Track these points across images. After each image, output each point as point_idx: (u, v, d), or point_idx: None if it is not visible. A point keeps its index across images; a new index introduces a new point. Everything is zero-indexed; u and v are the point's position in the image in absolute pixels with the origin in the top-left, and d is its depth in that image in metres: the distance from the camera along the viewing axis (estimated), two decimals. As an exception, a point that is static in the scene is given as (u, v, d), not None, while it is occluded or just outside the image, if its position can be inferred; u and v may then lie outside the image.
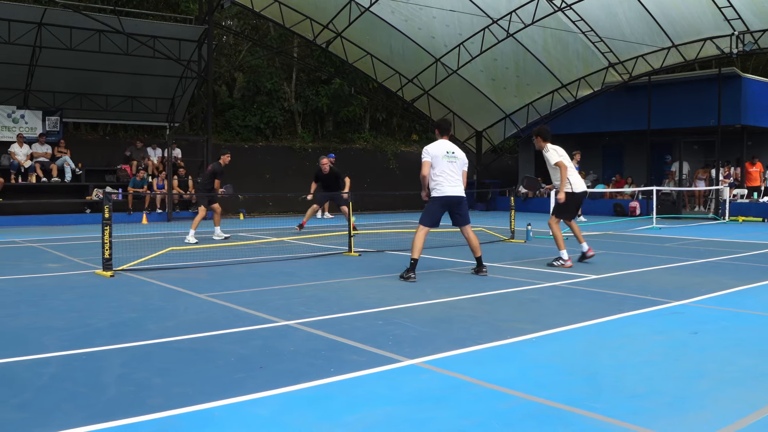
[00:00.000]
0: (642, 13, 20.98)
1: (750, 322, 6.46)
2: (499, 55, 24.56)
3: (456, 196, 9.08)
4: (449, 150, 9.11)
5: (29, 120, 22.24)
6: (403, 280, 8.68)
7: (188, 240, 13.35)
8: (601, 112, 26.41)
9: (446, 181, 9.00)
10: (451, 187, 9.04)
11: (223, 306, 6.97)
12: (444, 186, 9.00)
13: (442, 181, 8.99)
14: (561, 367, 4.79)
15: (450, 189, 9.03)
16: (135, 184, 21.39)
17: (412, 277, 8.69)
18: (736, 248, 12.81)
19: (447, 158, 9.04)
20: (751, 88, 24.40)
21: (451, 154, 9.09)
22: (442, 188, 9.00)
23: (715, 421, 3.73)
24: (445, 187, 9.00)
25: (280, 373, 4.59)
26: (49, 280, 8.80)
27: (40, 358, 4.97)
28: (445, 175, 9.00)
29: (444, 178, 8.99)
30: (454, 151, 9.15)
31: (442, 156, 9.02)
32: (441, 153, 9.04)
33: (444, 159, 9.02)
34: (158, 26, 21.50)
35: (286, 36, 29.34)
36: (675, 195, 23.44)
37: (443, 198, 9.02)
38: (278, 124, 30.02)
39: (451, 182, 9.04)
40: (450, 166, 9.04)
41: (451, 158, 9.07)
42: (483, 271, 9.30)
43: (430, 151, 9.05)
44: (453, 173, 9.05)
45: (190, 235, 13.50)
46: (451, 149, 9.14)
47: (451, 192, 9.04)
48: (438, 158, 9.00)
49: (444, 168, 9.00)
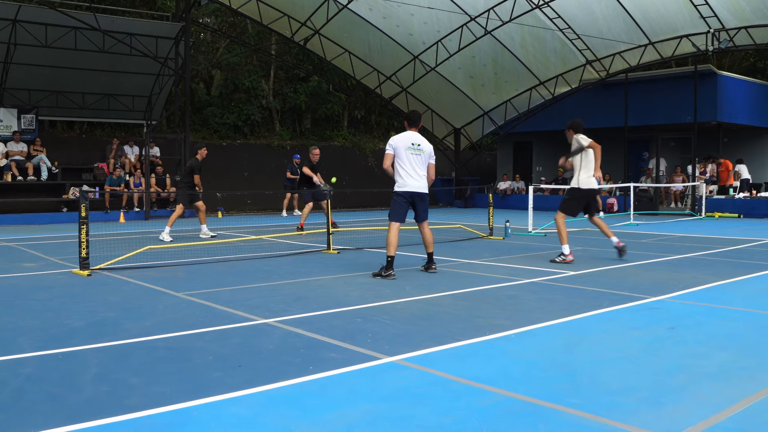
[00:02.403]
0: (619, 11, 21.12)
1: (726, 317, 6.51)
2: (477, 52, 24.62)
3: (419, 192, 8.97)
4: (414, 142, 8.95)
5: (4, 118, 21.97)
6: (381, 278, 8.63)
7: (162, 238, 13.25)
8: (579, 109, 26.46)
9: (409, 176, 8.88)
10: (414, 181, 8.91)
11: (201, 304, 6.93)
12: (407, 180, 8.89)
13: (404, 175, 8.88)
14: (539, 363, 4.81)
15: (413, 183, 8.91)
16: (112, 182, 21.22)
17: (392, 275, 8.65)
18: (713, 244, 12.93)
19: (411, 150, 8.89)
20: (727, 86, 24.64)
21: (416, 146, 8.93)
22: (405, 182, 8.89)
23: (693, 415, 3.75)
24: (407, 181, 8.89)
25: (258, 372, 4.57)
26: (25, 279, 8.71)
27: (16, 359, 4.92)
28: (408, 169, 8.87)
29: (407, 172, 8.87)
30: (420, 143, 8.99)
31: (406, 148, 8.87)
32: (405, 145, 8.89)
33: (408, 151, 8.87)
34: (135, 23, 21.36)
35: (263, 33, 29.25)
36: (652, 191, 23.61)
37: (406, 193, 8.92)
38: (256, 122, 29.93)
39: (414, 176, 8.91)
40: (414, 159, 8.89)
41: (416, 150, 8.92)
42: (432, 268, 9.20)
43: (393, 143, 8.94)
44: (417, 167, 8.91)
45: (164, 232, 13.38)
46: (417, 141, 8.97)
47: (414, 187, 8.92)
48: (401, 150, 8.87)
49: (408, 161, 8.87)
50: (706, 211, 21.45)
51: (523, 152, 31.30)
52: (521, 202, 24.31)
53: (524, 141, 30.81)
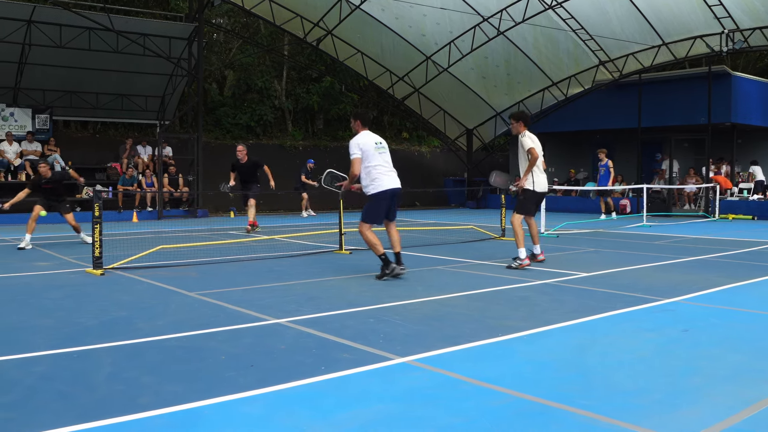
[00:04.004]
0: (632, 11, 21.02)
1: (740, 319, 6.47)
2: (490, 53, 24.57)
3: (397, 188, 8.74)
4: (377, 141, 8.73)
5: (19, 118, 22.13)
6: (388, 277, 8.45)
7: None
8: (592, 110, 26.45)
9: (384, 174, 8.63)
10: (390, 179, 8.69)
11: (214, 304, 6.95)
12: (384, 179, 8.62)
13: (379, 174, 8.61)
14: (551, 364, 4.79)
15: (389, 181, 8.67)
16: (124, 182, 21.31)
17: (395, 269, 8.46)
18: (726, 246, 12.85)
19: (377, 149, 8.66)
20: (741, 87, 24.49)
21: (379, 144, 8.73)
22: (382, 182, 8.61)
23: (706, 417, 3.73)
24: (384, 181, 8.63)
25: (270, 372, 4.57)
26: (38, 278, 8.75)
27: (30, 357, 4.94)
28: (381, 168, 8.62)
29: (381, 171, 8.62)
30: (381, 141, 8.81)
31: (373, 148, 8.63)
32: (371, 146, 8.63)
33: (375, 151, 8.63)
34: (148, 24, 21.47)
35: (276, 34, 29.29)
36: (665, 193, 23.50)
37: (386, 191, 8.65)
38: (269, 122, 29.99)
39: (389, 174, 8.70)
40: (383, 158, 8.69)
41: (381, 149, 8.70)
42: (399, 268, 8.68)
43: (361, 145, 8.60)
44: (387, 164, 8.72)
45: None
46: (378, 140, 8.77)
47: (392, 184, 8.68)
48: (370, 152, 8.60)
49: (378, 160, 8.62)
50: (720, 213, 21.33)
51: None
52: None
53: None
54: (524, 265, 9.58)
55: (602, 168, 21.01)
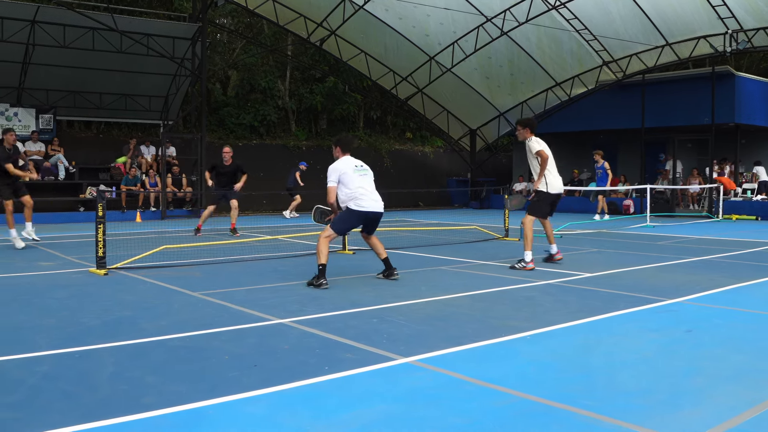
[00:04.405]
0: (636, 12, 21.01)
1: (744, 319, 6.47)
2: (493, 53, 24.57)
3: (377, 212, 8.47)
4: (357, 164, 8.49)
5: (22, 118, 22.16)
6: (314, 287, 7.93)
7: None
8: (595, 110, 26.44)
9: (366, 195, 8.33)
10: (373, 201, 8.40)
11: (217, 304, 6.95)
12: (365, 199, 8.32)
13: (362, 195, 8.30)
14: (554, 365, 4.79)
15: (371, 204, 8.37)
16: (128, 182, 21.33)
17: (324, 284, 7.93)
18: (730, 246, 12.83)
19: (357, 172, 8.40)
20: (745, 87, 24.46)
21: (360, 167, 8.49)
22: (362, 202, 8.30)
23: (709, 418, 3.73)
24: (366, 201, 8.32)
25: (274, 372, 4.58)
26: (42, 278, 8.77)
27: (33, 357, 4.95)
28: (362, 189, 8.33)
29: (362, 193, 8.31)
30: (362, 165, 8.57)
31: (352, 171, 8.37)
32: (350, 169, 8.39)
33: (356, 174, 8.37)
34: (152, 24, 21.48)
35: (280, 34, 29.30)
36: (669, 193, 23.48)
37: (363, 213, 8.35)
38: (272, 122, 29.99)
39: (372, 196, 8.40)
40: (364, 180, 8.42)
41: (361, 172, 8.45)
42: (391, 273, 8.61)
43: (339, 169, 8.37)
44: (369, 186, 8.45)
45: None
46: (358, 163, 8.54)
47: (373, 207, 8.38)
48: (348, 174, 8.33)
49: (359, 183, 8.34)
50: (723, 213, 21.30)
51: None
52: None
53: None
54: (527, 268, 9.53)
55: (599, 170, 20.95)
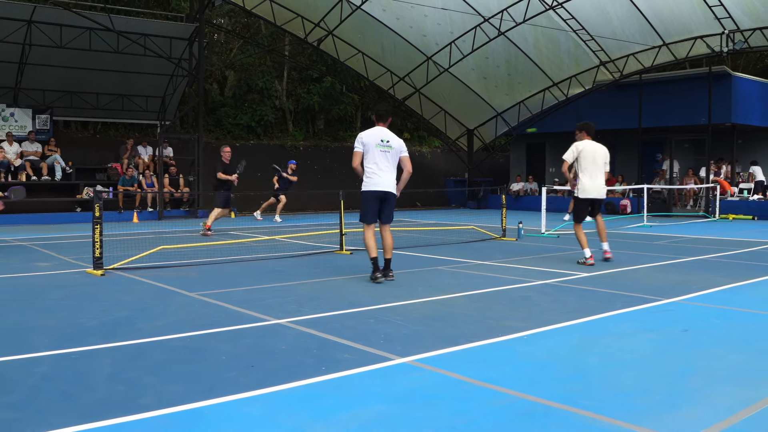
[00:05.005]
0: (633, 12, 21.02)
1: (740, 319, 6.48)
2: (491, 53, 24.57)
3: (384, 191, 8.58)
4: (384, 138, 8.56)
5: (19, 118, 22.13)
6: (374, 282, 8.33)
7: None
8: (593, 110, 26.40)
9: (377, 175, 8.51)
10: (385, 179, 8.55)
11: (214, 305, 6.95)
12: (375, 178, 8.51)
13: (374, 172, 8.50)
14: (552, 365, 4.80)
15: (382, 182, 8.53)
16: (125, 182, 21.31)
17: (378, 278, 8.36)
18: (727, 246, 12.86)
19: (380, 147, 8.50)
20: (742, 87, 24.51)
21: (385, 142, 8.54)
22: (372, 181, 8.52)
23: (706, 417, 3.74)
24: (375, 180, 8.51)
25: (271, 372, 4.58)
26: (39, 279, 8.76)
27: (31, 358, 4.95)
28: (376, 167, 8.50)
29: (375, 171, 8.50)
30: (389, 139, 8.59)
31: (375, 144, 8.48)
32: (374, 141, 8.49)
33: (377, 148, 8.48)
34: (149, 24, 21.47)
35: (277, 34, 29.29)
36: (665, 193, 23.51)
37: (373, 192, 8.55)
38: (269, 123, 29.98)
39: (383, 175, 8.54)
40: (383, 156, 8.52)
41: (384, 147, 8.52)
42: (390, 275, 8.61)
43: (363, 139, 8.53)
44: (386, 164, 8.55)
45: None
46: (386, 137, 8.58)
47: (381, 186, 8.53)
48: (370, 147, 8.49)
49: (376, 159, 8.49)
50: (720, 213, 21.33)
51: (536, 153, 31.23)
52: (534, 203, 24.25)
53: (537, 142, 30.73)
54: (587, 263, 9.98)
55: None
